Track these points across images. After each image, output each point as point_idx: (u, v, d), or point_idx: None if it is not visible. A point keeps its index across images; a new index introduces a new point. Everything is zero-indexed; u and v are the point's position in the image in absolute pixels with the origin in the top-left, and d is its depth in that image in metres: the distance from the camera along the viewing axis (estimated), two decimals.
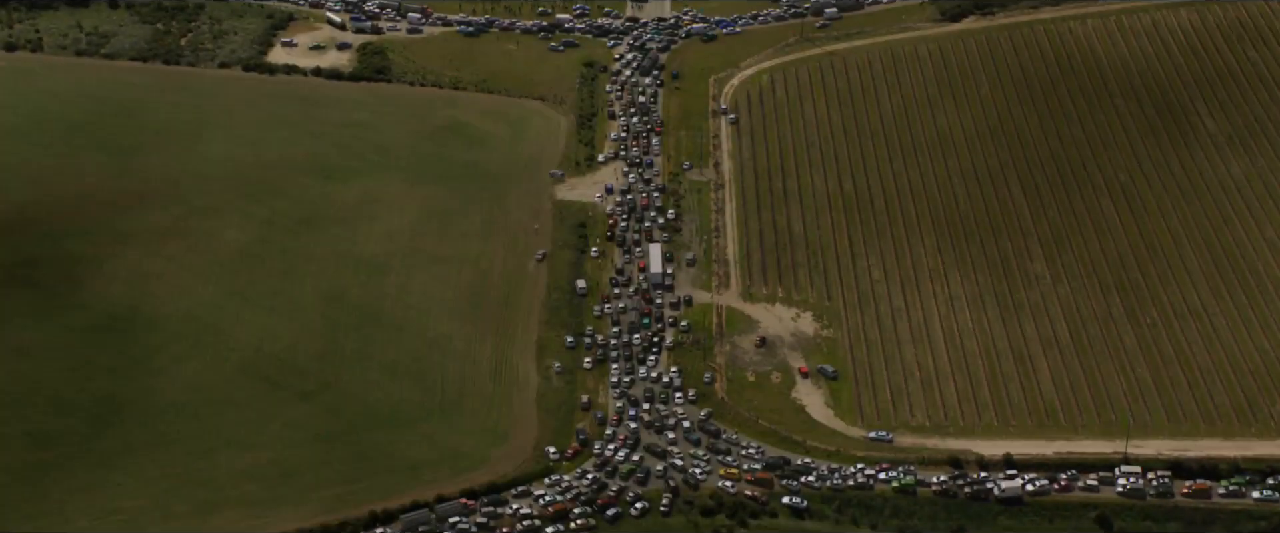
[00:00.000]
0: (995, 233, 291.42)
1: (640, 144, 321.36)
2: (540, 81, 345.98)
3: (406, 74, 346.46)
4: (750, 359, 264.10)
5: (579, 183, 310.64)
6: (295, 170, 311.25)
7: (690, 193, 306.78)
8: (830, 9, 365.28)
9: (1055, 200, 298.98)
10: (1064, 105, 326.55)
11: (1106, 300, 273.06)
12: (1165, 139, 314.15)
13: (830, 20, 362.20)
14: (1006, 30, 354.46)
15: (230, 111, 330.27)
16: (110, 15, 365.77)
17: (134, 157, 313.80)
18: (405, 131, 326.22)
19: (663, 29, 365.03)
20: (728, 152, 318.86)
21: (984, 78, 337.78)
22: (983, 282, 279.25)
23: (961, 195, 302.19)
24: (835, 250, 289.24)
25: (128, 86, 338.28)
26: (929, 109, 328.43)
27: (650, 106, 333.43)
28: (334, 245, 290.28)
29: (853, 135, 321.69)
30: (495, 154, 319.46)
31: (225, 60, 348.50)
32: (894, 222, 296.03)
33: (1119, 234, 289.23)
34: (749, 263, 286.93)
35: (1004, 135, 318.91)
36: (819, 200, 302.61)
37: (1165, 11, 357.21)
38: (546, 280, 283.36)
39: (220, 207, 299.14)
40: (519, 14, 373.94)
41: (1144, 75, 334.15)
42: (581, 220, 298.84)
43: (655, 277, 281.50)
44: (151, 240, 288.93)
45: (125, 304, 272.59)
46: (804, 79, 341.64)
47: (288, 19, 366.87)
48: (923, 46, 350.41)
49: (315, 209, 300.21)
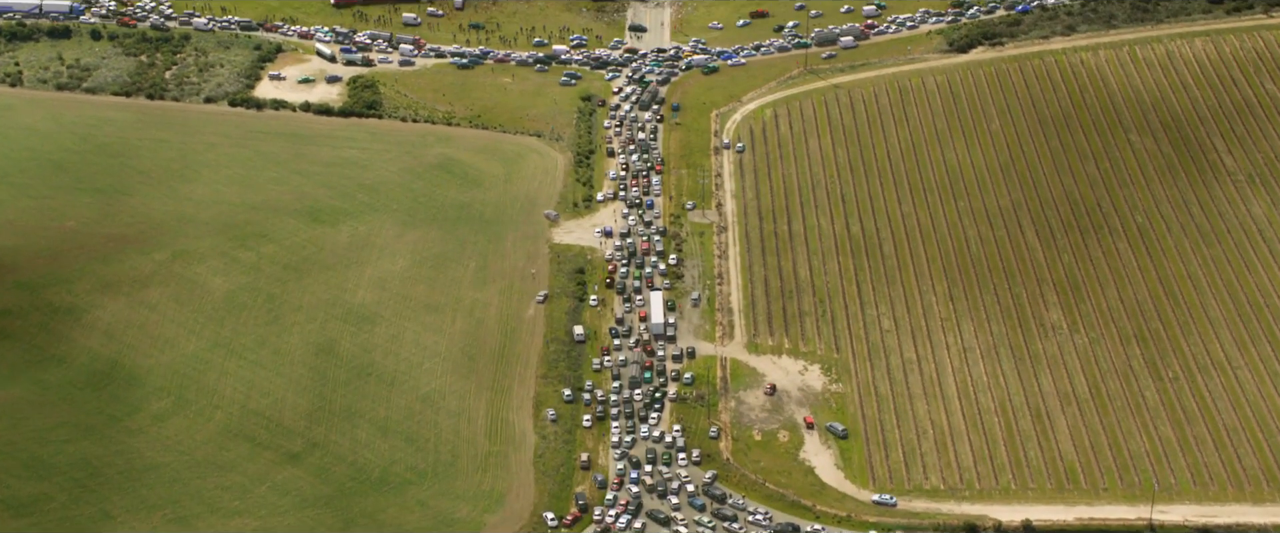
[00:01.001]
0: (1008, 278, 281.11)
1: (640, 183, 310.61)
2: (536, 116, 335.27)
3: (398, 109, 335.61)
4: (756, 417, 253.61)
5: (577, 225, 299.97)
6: (283, 212, 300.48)
7: (692, 236, 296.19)
8: (846, 38, 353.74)
9: (1070, 243, 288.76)
10: (1077, 141, 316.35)
11: (1126, 352, 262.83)
12: (1182, 177, 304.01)
13: (841, 49, 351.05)
14: (1016, 61, 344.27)
15: (216, 150, 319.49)
16: (93, 46, 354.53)
17: (116, 198, 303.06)
18: (397, 170, 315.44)
19: (662, 60, 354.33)
20: (730, 191, 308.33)
21: (994, 112, 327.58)
22: (997, 332, 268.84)
23: (973, 238, 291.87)
24: (843, 298, 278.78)
25: (110, 123, 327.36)
26: (938, 145, 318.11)
27: (650, 143, 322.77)
28: (323, 293, 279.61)
29: (859, 173, 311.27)
30: (490, 194, 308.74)
31: (211, 95, 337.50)
32: (903, 266, 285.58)
33: (1137, 280, 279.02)
34: (754, 312, 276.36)
35: (1016, 173, 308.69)
36: (825, 244, 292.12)
37: (1179, 41, 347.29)
38: (544, 330, 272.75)
39: (205, 251, 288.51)
40: (514, 45, 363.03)
41: (1159, 109, 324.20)
42: (580, 265, 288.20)
43: (657, 327, 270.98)
44: (133, 288, 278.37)
45: (105, 358, 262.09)
46: (808, 113, 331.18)
47: (276, 50, 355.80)
48: (930, 79, 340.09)
49: (303, 254, 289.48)
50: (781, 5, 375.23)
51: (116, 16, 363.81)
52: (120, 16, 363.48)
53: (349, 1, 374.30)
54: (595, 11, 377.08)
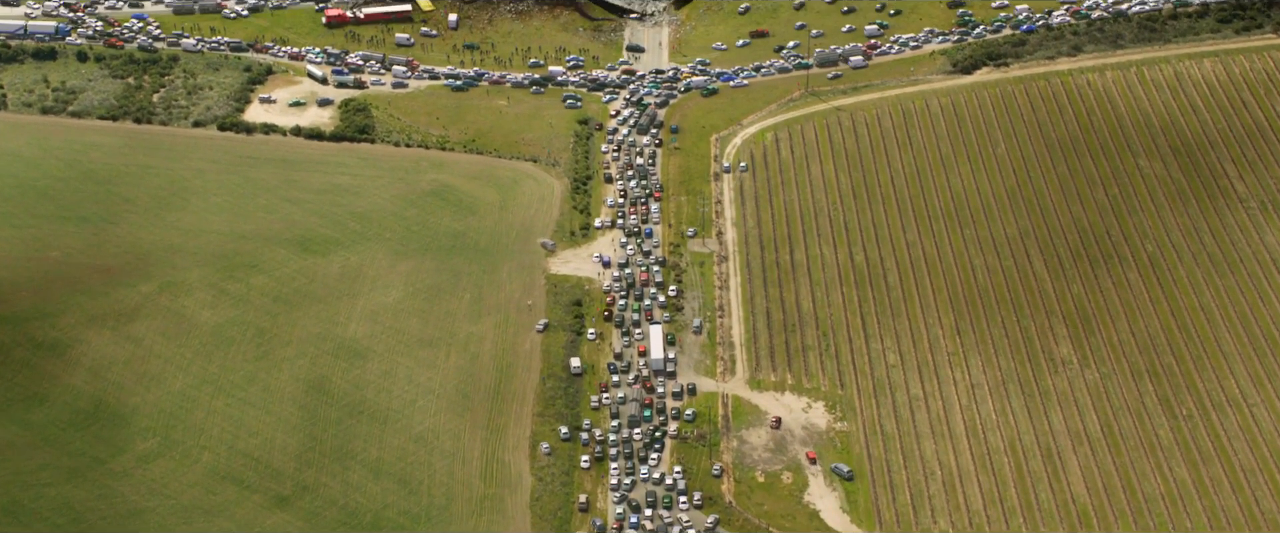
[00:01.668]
0: (1016, 310, 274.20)
1: (638, 211, 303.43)
2: (532, 140, 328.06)
3: (391, 133, 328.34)
4: (759, 457, 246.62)
5: (574, 255, 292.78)
6: (273, 242, 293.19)
7: (692, 266, 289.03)
8: (856, 57, 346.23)
9: (1079, 273, 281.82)
10: (1084, 166, 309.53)
11: (1138, 388, 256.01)
12: (1193, 204, 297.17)
13: (851, 69, 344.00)
14: (1022, 83, 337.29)
15: (205, 176, 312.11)
16: (79, 68, 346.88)
17: (103, 227, 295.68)
18: (389, 197, 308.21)
19: (661, 82, 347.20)
20: (731, 219, 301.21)
21: (1000, 136, 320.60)
22: (1005, 367, 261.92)
23: (980, 268, 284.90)
24: (847, 331, 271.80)
25: (97, 149, 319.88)
26: (943, 170, 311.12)
27: (648, 169, 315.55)
28: (313, 327, 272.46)
29: (863, 200, 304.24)
30: (485, 222, 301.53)
31: (200, 119, 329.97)
32: (909, 298, 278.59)
33: (1148, 312, 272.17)
34: (755, 345, 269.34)
35: (1022, 200, 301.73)
36: (828, 274, 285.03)
37: (1187, 62, 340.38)
38: (540, 365, 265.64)
39: (193, 283, 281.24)
40: (509, 66, 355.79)
41: (1168, 133, 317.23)
42: (577, 297, 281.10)
43: (656, 363, 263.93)
44: (120, 322, 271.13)
45: (90, 396, 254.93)
46: (810, 137, 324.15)
47: (266, 72, 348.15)
48: (934, 101, 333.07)
49: (294, 285, 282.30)
50: (782, 24, 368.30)
51: (103, 37, 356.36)
52: (107, 37, 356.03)
53: (341, 21, 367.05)
54: (592, 31, 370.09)
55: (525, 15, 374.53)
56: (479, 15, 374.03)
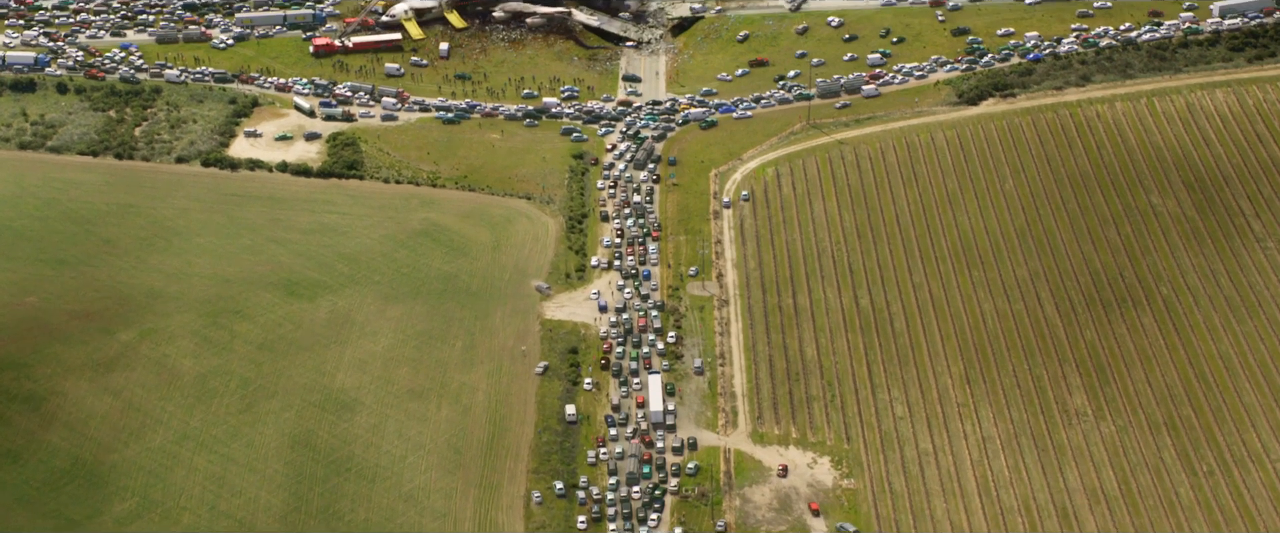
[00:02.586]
0: (1028, 358, 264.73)
1: (636, 251, 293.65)
2: (525, 176, 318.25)
3: (380, 169, 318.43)
4: (763, 517, 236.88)
5: (569, 298, 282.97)
6: (258, 286, 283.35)
7: (691, 310, 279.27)
8: (869, 86, 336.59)
9: (1092, 318, 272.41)
10: (1095, 203, 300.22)
11: (1156, 442, 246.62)
12: (1209, 244, 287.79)
13: (864, 98, 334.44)
14: (1029, 114, 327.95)
15: (188, 216, 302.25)
16: (59, 101, 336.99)
17: (81, 271, 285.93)
18: (378, 237, 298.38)
19: (658, 114, 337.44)
20: (731, 260, 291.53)
21: (1007, 171, 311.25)
22: (1017, 419, 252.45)
23: (989, 312, 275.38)
24: (853, 380, 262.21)
25: (76, 186, 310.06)
26: (949, 208, 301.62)
27: (646, 206, 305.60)
28: (299, 377, 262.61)
29: (867, 239, 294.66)
30: (477, 264, 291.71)
31: (183, 154, 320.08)
32: (917, 345, 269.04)
33: (1165, 360, 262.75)
34: (758, 396, 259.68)
35: (1032, 239, 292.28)
36: (833, 319, 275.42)
37: (1199, 93, 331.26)
38: (535, 418, 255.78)
39: (175, 331, 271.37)
40: (502, 97, 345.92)
41: (1181, 167, 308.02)
42: (573, 344, 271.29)
43: (656, 415, 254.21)
44: (98, 373, 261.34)
45: (66, 454, 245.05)
46: (811, 172, 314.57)
47: (252, 104, 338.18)
48: (939, 134, 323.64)
49: (279, 332, 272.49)
50: (782, 53, 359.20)
51: (84, 68, 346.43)
52: (88, 68, 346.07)
53: (329, 51, 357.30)
54: (587, 61, 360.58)
55: (519, 44, 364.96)
56: (471, 44, 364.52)
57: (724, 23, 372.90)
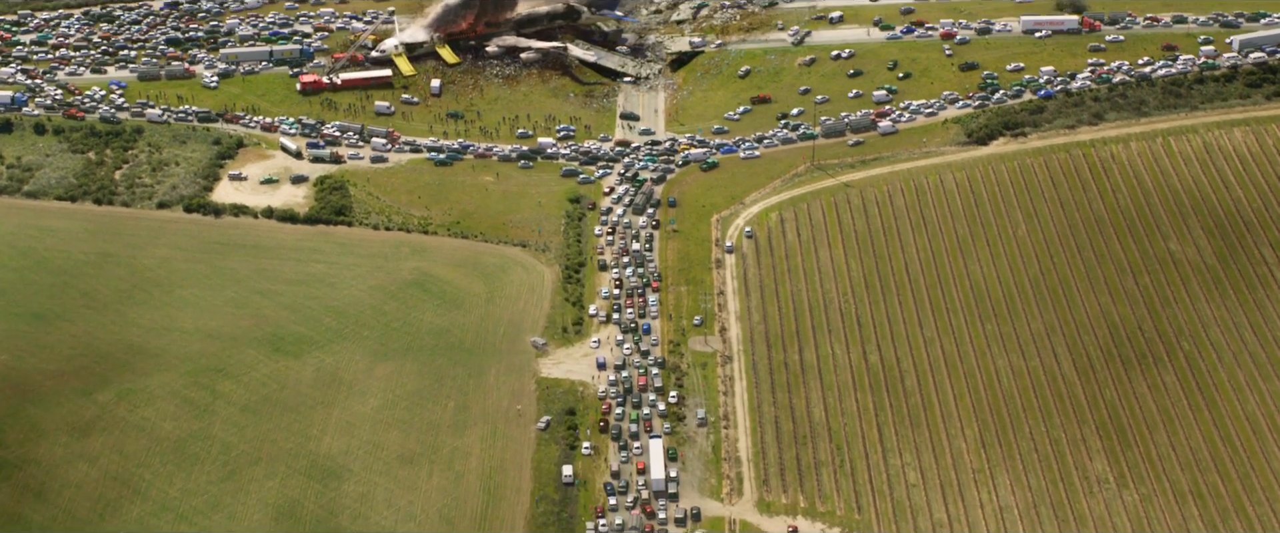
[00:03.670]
0: (1046, 420, 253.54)
1: (635, 303, 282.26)
2: (520, 222, 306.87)
3: (369, 214, 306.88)
4: None
5: (567, 355, 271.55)
6: (242, 342, 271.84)
7: (694, 367, 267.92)
8: (885, 122, 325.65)
9: (1111, 376, 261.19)
10: (1112, 250, 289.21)
11: (1182, 513, 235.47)
12: (1231, 294, 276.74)
13: (880, 134, 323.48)
14: (1041, 155, 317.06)
15: (169, 266, 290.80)
16: (36, 142, 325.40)
17: (56, 325, 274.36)
18: (367, 288, 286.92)
19: (657, 154, 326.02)
20: (734, 312, 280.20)
21: (1020, 215, 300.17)
22: (1036, 486, 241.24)
23: (1004, 369, 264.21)
24: (863, 444, 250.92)
25: (52, 234, 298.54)
26: (960, 256, 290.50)
27: (645, 255, 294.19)
28: (284, 441, 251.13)
29: (876, 290, 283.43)
30: (470, 317, 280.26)
31: (165, 199, 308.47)
32: (929, 405, 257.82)
33: (1188, 421, 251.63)
34: (764, 461, 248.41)
35: (1047, 289, 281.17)
36: (841, 377, 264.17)
37: (1217, 132, 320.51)
38: (531, 485, 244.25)
39: (154, 391, 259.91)
40: (496, 136, 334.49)
41: (1199, 211, 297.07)
42: (570, 404, 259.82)
43: (657, 483, 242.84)
44: (73, 437, 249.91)
45: (40, 529, 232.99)
46: (817, 217, 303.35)
47: (237, 145, 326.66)
48: (948, 176, 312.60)
49: (263, 392, 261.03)
50: (784, 89, 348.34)
51: (63, 108, 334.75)
52: (67, 108, 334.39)
53: (317, 88, 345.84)
54: (584, 97, 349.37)
55: (513, 80, 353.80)
56: (464, 80, 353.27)
57: (724, 57, 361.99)
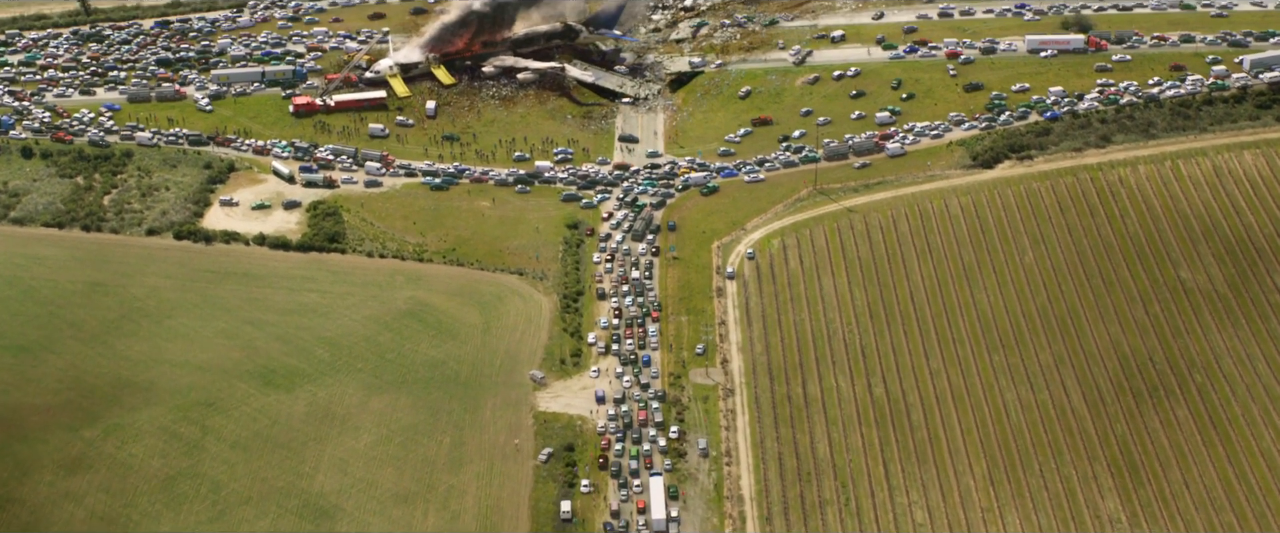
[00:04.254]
0: (1056, 456, 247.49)
1: (634, 334, 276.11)
2: (517, 249, 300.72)
3: (363, 241, 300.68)
4: None
5: (565, 388, 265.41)
6: (232, 375, 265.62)
7: (695, 401, 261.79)
8: (893, 144, 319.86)
9: (1122, 410, 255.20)
10: (1121, 277, 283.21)
11: None
12: (1244, 324, 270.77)
13: (889, 157, 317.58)
14: (1048, 179, 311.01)
15: (158, 295, 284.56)
16: (24, 166, 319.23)
17: (42, 358, 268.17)
18: (361, 319, 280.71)
19: (656, 179, 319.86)
20: (736, 343, 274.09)
21: (1027, 242, 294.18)
22: (1046, 525, 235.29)
23: (1012, 403, 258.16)
24: (868, 481, 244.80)
25: (39, 262, 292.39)
26: (966, 283, 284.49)
27: (645, 283, 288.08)
28: (276, 479, 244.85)
29: (880, 320, 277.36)
30: (466, 348, 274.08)
31: (154, 225, 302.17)
32: (936, 440, 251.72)
33: (1202, 457, 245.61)
34: (767, 499, 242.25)
35: (1055, 319, 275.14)
36: (846, 411, 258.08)
37: (1227, 154, 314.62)
38: (528, 525, 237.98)
39: (143, 427, 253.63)
40: (492, 159, 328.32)
41: (1209, 237, 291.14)
42: (569, 440, 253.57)
43: (658, 523, 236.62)
44: (58, 475, 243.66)
45: None
46: (820, 244, 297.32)
47: (228, 169, 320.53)
48: (954, 200, 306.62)
49: (254, 428, 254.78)
50: (786, 110, 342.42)
51: (51, 131, 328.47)
52: (55, 131, 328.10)
53: (310, 110, 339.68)
54: (582, 119, 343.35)
55: (510, 101, 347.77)
56: (460, 101, 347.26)
57: (725, 78, 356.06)
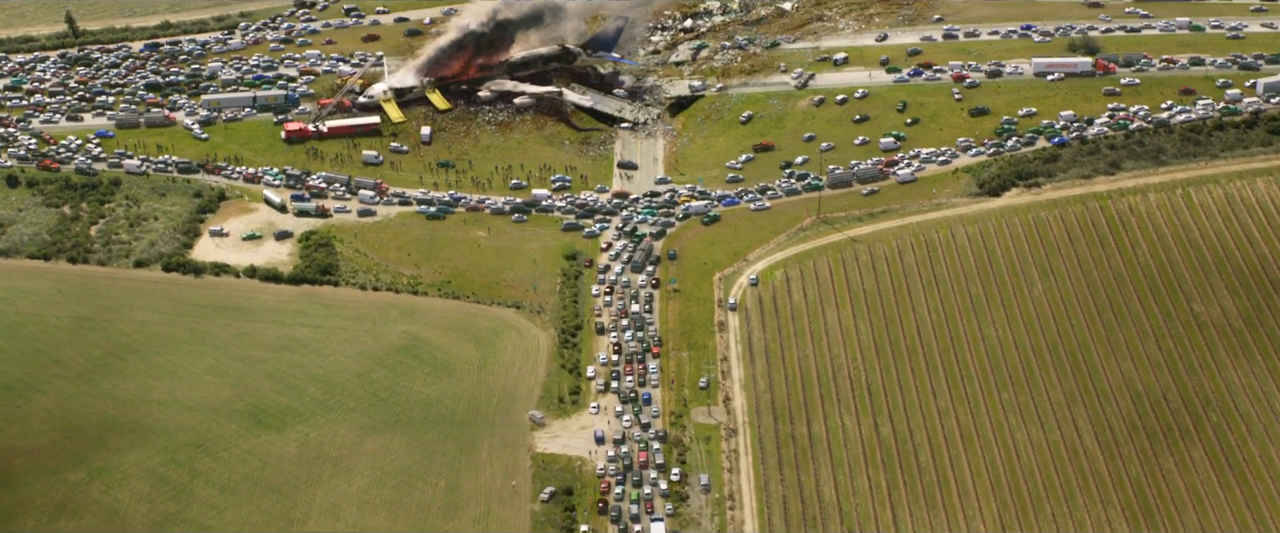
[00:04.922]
0: (1068, 499, 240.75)
1: (635, 371, 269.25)
2: (514, 281, 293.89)
3: (356, 273, 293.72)
4: None
5: (563, 428, 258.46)
6: (221, 414, 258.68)
7: (697, 441, 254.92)
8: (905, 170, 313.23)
9: (1136, 450, 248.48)
10: (1132, 311, 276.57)
11: None
12: (1259, 360, 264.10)
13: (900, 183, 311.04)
14: (1056, 208, 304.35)
15: (146, 331, 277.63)
16: (9, 196, 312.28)
17: (26, 397, 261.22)
18: (354, 354, 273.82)
19: (656, 208, 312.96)
20: (739, 380, 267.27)
21: (1036, 274, 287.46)
22: None
23: (1022, 443, 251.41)
24: (876, 525, 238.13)
25: (23, 296, 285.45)
26: (974, 317, 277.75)
27: (645, 317, 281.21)
28: (266, 525, 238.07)
29: (887, 356, 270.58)
30: (462, 386, 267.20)
31: (143, 257, 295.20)
32: (944, 483, 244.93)
33: (1219, 502, 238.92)
34: None
35: (1065, 354, 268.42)
36: (852, 452, 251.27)
37: (1238, 182, 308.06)
38: None
39: (129, 470, 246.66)
40: (489, 187, 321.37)
41: (1223, 269, 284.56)
42: (568, 483, 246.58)
43: None
44: (42, 521, 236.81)
45: None
46: (824, 275, 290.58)
47: (218, 198, 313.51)
48: (960, 230, 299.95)
49: (244, 471, 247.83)
50: (788, 136, 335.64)
51: (37, 159, 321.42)
52: (41, 159, 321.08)
53: (302, 136, 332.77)
54: (580, 145, 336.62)
55: (506, 127, 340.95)
56: (455, 127, 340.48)
57: (726, 102, 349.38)
